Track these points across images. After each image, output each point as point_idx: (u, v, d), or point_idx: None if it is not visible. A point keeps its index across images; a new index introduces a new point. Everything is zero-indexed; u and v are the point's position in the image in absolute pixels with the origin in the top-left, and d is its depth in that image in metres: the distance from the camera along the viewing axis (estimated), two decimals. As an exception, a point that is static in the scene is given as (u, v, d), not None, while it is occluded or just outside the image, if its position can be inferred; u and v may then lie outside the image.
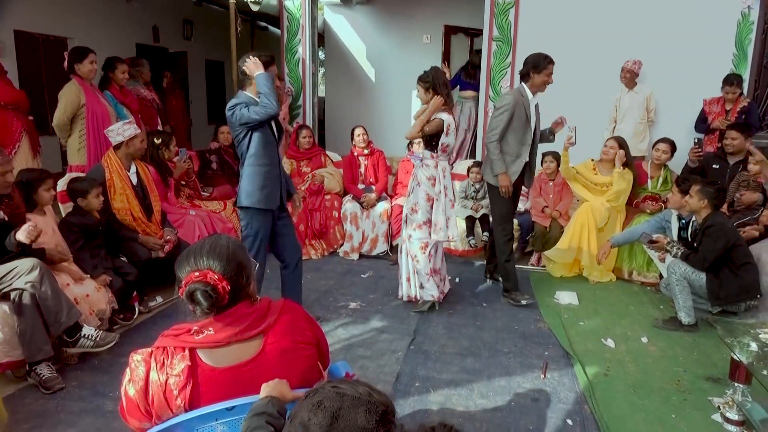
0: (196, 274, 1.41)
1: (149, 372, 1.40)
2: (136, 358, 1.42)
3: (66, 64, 4.45)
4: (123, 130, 3.94)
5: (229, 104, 3.35)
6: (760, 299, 3.68)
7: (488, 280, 4.81)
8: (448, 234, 4.09)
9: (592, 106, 5.75)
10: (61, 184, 3.97)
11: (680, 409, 2.88)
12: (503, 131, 4.07)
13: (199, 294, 1.39)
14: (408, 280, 4.20)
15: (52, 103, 5.93)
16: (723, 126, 5.14)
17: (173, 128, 6.55)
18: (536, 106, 4.17)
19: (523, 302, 4.22)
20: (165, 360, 1.40)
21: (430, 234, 4.09)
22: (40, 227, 2.98)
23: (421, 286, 4.14)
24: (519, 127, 4.10)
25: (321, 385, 1.08)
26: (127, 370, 1.44)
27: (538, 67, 4.07)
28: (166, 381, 1.38)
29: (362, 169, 5.67)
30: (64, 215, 3.78)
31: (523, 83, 4.17)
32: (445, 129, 3.92)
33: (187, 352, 1.41)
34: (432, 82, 3.96)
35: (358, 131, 5.69)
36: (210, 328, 1.43)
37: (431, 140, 4.02)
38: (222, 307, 1.43)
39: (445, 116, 3.94)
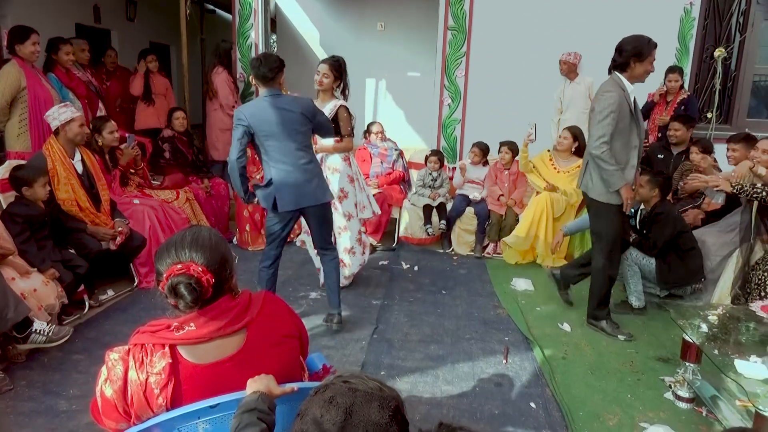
0: (179, 266, 1.35)
1: (128, 371, 1.33)
2: (113, 356, 1.35)
3: (6, 43, 4.15)
4: (59, 113, 3.73)
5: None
6: (704, 282, 3.89)
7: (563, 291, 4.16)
8: (373, 210, 4.30)
9: (544, 96, 5.88)
10: (0, 173, 3.72)
11: (635, 388, 3.02)
12: (612, 137, 3.38)
13: (183, 287, 1.33)
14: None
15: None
16: (663, 123, 5.37)
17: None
18: (634, 99, 3.49)
19: (621, 338, 3.58)
20: (144, 358, 1.34)
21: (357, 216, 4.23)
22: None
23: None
24: (624, 128, 3.41)
25: (330, 380, 1.06)
26: (103, 369, 1.36)
27: (641, 54, 3.37)
28: (147, 380, 1.32)
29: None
30: (4, 205, 3.55)
31: (618, 73, 3.47)
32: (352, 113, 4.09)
33: (167, 349, 1.35)
34: (343, 71, 4.01)
35: None
36: (191, 324, 1.37)
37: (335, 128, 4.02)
38: (205, 301, 1.38)
39: (345, 102, 4.05)
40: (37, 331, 2.89)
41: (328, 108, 3.94)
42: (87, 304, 3.75)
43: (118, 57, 6.74)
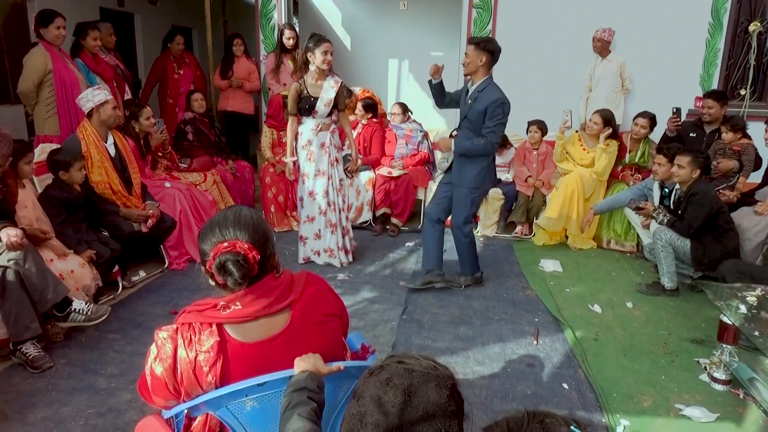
0: (225, 244, 1.35)
1: (177, 349, 1.35)
2: (162, 335, 1.37)
3: (33, 28, 4.19)
4: (93, 95, 3.77)
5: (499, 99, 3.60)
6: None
7: None
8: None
9: (572, 76, 5.78)
10: (35, 155, 3.78)
11: (669, 370, 2.98)
12: None
13: (231, 264, 1.34)
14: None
15: (13, 71, 5.61)
16: None
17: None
18: None
19: None
20: (192, 336, 1.35)
21: None
22: (21, 200, 2.85)
23: None
24: None
25: (385, 361, 1.06)
26: (152, 347, 1.38)
27: None
28: (196, 358, 1.34)
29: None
30: (39, 188, 3.61)
31: None
32: None
33: (214, 327, 1.37)
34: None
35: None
36: (237, 303, 1.38)
37: None
38: (251, 278, 1.39)
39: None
40: (77, 311, 2.95)
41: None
42: (120, 285, 3.82)
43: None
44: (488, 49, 3.60)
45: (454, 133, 3.89)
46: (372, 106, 5.67)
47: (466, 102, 3.78)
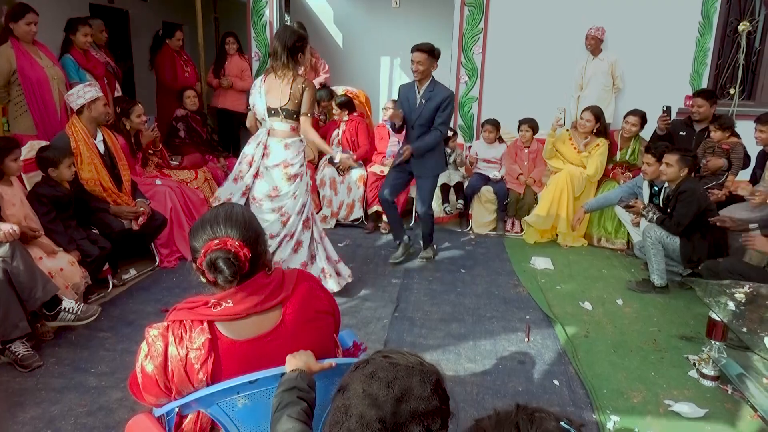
0: (216, 242, 1.35)
1: (167, 347, 1.34)
2: (153, 332, 1.36)
3: (3, 22, 4.02)
4: (84, 92, 3.74)
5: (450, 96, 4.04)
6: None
7: None
8: None
9: (563, 73, 5.80)
10: (24, 153, 3.73)
11: (658, 366, 3.01)
12: None
13: (221, 262, 1.34)
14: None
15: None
16: None
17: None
18: None
19: None
20: (183, 334, 1.35)
21: None
22: (8, 198, 2.82)
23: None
24: None
25: (371, 355, 1.07)
26: (143, 345, 1.38)
27: None
28: (187, 355, 1.33)
29: (340, 136, 5.60)
30: (29, 186, 3.57)
31: None
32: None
33: (205, 325, 1.36)
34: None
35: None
36: (228, 300, 1.38)
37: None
38: (242, 276, 1.39)
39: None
40: (66, 310, 2.93)
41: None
42: (111, 283, 3.80)
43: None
44: (437, 55, 4.04)
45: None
46: (347, 103, 5.59)
47: (418, 104, 4.09)
